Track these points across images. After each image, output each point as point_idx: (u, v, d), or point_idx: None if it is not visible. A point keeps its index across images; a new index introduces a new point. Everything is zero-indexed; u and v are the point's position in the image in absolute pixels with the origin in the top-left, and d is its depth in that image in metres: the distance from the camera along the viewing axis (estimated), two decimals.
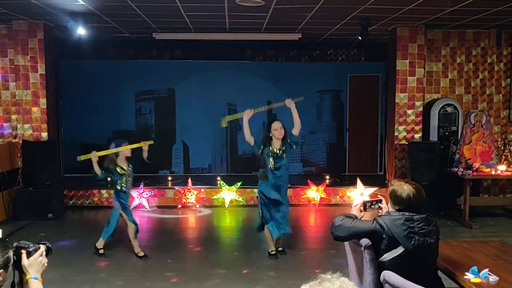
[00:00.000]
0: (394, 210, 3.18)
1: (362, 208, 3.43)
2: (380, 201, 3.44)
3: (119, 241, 6.77)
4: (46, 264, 2.30)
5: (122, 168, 5.97)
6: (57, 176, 8.34)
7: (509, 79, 9.17)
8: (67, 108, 10.33)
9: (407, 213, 3.10)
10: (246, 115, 5.96)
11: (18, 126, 8.43)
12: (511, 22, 8.22)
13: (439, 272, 3.33)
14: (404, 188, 3.15)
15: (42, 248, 2.29)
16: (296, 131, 5.90)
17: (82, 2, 6.71)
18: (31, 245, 2.27)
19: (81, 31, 7.73)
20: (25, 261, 2.23)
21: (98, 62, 10.83)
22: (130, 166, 6.09)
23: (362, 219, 3.36)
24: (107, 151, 5.91)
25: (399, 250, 3.05)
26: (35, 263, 2.24)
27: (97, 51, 10.87)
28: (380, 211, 3.38)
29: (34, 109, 8.39)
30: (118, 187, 5.94)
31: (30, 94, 8.37)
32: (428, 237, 3.07)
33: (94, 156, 5.70)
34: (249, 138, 5.93)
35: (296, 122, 5.91)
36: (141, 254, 6.04)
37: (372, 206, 3.42)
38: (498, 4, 6.80)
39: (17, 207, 7.94)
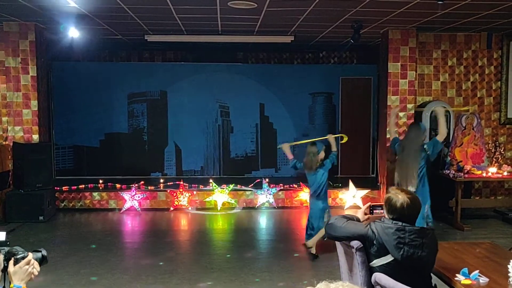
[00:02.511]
0: (388, 218, 3.12)
1: (367, 211, 3.40)
2: None
3: (110, 243, 6.75)
4: (35, 273, 2.25)
5: None
6: (49, 179, 8.29)
7: (499, 82, 9.24)
8: (59, 110, 10.31)
9: (400, 223, 3.02)
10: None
11: (9, 128, 8.38)
12: (501, 26, 8.30)
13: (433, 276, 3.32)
14: (399, 197, 3.07)
15: (30, 256, 2.25)
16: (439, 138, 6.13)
17: (74, 4, 6.69)
18: (21, 252, 2.24)
19: (73, 33, 7.72)
20: (11, 268, 2.20)
21: (90, 64, 10.80)
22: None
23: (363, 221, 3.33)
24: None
25: (389, 258, 3.01)
26: (20, 271, 2.20)
27: (89, 53, 10.84)
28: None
29: (25, 111, 8.35)
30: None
31: (21, 96, 8.32)
32: (419, 249, 2.97)
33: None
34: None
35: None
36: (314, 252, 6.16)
37: (377, 211, 3.36)
38: (488, 7, 6.86)
39: (7, 210, 7.88)
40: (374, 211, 3.39)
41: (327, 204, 6.35)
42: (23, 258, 2.22)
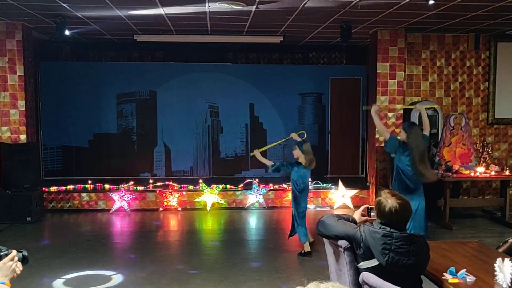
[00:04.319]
0: (377, 222, 3.06)
1: (365, 212, 3.38)
2: None
3: (99, 244, 6.71)
4: (18, 271, 2.25)
5: None
6: (36, 179, 8.23)
7: (487, 83, 9.31)
8: (47, 110, 10.22)
9: (388, 228, 2.97)
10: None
11: None
12: (488, 27, 8.37)
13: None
14: (388, 202, 2.98)
15: (14, 253, 2.25)
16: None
17: (63, 4, 6.64)
18: (4, 249, 2.23)
19: (62, 32, 7.65)
20: None
21: (79, 64, 10.72)
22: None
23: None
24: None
25: (375, 262, 2.98)
26: (4, 268, 2.20)
27: (78, 53, 10.77)
28: None
29: (12, 111, 8.27)
30: None
31: (8, 96, 8.24)
32: (405, 257, 2.91)
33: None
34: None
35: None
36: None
37: (374, 213, 3.30)
38: (475, 9, 6.92)
39: None
40: (372, 213, 3.34)
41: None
42: (7, 255, 2.22)
